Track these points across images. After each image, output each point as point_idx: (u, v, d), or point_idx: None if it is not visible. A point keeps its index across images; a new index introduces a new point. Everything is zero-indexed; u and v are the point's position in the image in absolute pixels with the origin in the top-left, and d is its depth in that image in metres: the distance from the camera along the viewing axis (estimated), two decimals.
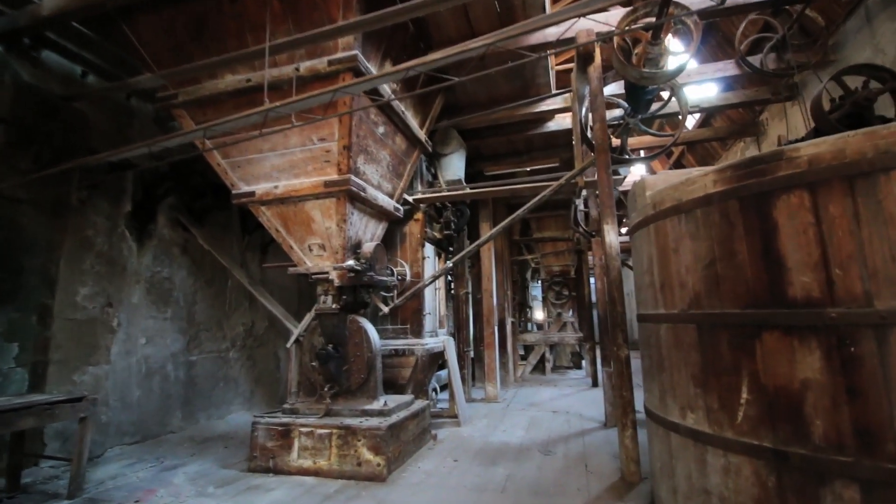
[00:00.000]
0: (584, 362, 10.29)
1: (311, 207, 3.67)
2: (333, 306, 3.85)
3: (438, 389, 6.46)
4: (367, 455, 3.40)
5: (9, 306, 3.70)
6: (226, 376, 5.96)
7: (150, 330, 4.93)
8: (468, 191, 4.71)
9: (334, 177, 3.46)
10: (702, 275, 2.16)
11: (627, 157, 4.17)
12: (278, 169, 3.59)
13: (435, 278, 4.47)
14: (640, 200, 2.68)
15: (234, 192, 3.75)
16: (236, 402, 6.12)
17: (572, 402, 6.43)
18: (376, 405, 3.77)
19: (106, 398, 4.41)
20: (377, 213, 4.15)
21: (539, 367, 9.80)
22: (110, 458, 4.25)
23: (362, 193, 3.66)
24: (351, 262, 3.75)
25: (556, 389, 7.67)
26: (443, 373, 6.79)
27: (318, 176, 3.52)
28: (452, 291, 7.82)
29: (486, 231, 6.80)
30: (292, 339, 4.40)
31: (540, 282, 11.26)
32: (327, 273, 3.79)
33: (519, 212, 4.04)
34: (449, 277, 9.35)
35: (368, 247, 3.88)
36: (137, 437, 4.68)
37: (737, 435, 1.93)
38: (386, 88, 3.71)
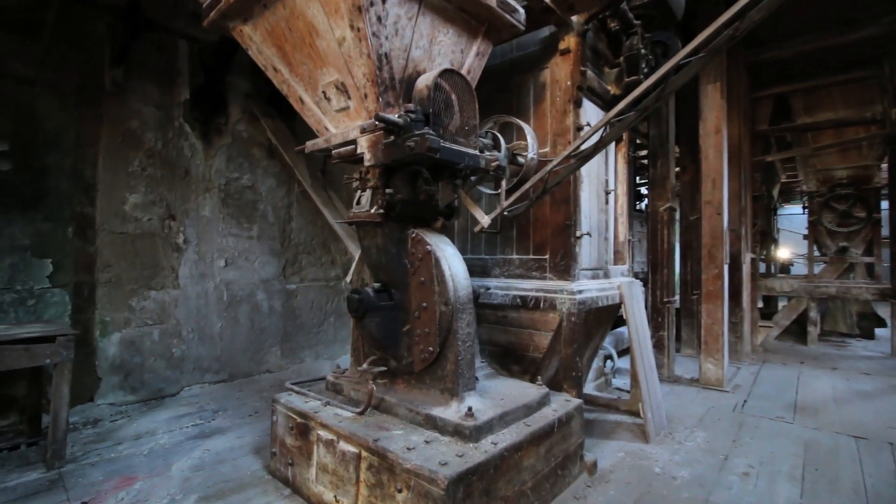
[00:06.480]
0: (886, 331, 6.21)
1: (305, 3, 1.75)
2: (372, 210, 1.95)
3: (615, 357, 4.14)
4: None
5: (35, 214, 3.01)
6: (337, 310, 4.91)
7: (231, 250, 4.01)
8: None
9: None
10: None
11: None
12: None
13: (582, 153, 2.08)
14: None
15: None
16: None
17: (891, 412, 3.30)
18: (452, 412, 1.85)
19: (177, 328, 3.67)
20: (454, 8, 1.94)
21: (795, 330, 6.27)
22: (181, 400, 3.54)
23: None
24: (394, 116, 1.73)
25: (838, 376, 4.41)
26: (624, 330, 4.40)
27: None
28: (643, 206, 5.02)
29: (713, 98, 3.77)
30: (351, 270, 2.76)
31: (806, 198, 7.14)
32: (354, 142, 1.88)
33: None
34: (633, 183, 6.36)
35: (425, 79, 1.77)
36: (223, 376, 3.94)
37: None
38: None
